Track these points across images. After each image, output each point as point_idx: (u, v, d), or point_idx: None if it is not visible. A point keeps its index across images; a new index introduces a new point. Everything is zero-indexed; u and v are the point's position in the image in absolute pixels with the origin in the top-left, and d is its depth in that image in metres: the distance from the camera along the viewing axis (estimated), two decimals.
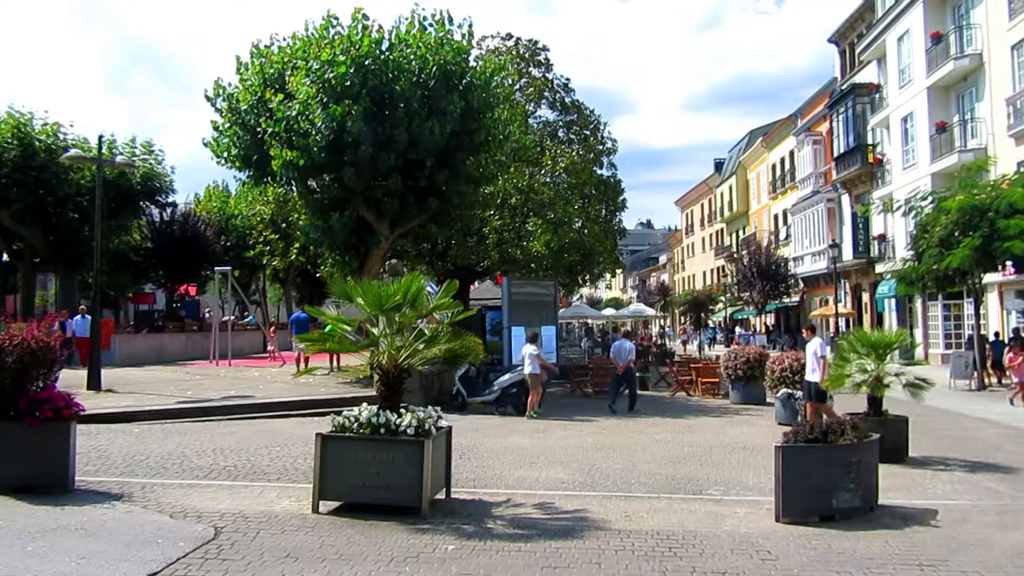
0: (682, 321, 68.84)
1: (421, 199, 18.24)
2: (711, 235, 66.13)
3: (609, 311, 52.71)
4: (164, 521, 7.15)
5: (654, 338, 42.76)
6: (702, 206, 69.45)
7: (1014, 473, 10.11)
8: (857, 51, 36.78)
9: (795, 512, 7.47)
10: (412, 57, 17.31)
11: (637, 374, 21.74)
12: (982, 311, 23.78)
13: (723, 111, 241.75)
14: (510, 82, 23.87)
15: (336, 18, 18.00)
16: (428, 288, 15.37)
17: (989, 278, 22.74)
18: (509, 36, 28.09)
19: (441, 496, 8.12)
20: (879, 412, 10.92)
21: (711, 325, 57.58)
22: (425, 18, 18.15)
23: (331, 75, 16.58)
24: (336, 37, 17.45)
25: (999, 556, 6.47)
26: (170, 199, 32.55)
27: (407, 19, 18.06)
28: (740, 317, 51.96)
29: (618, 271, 42.03)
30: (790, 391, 14.75)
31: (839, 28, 39.93)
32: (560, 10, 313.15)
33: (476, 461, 10.61)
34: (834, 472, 7.60)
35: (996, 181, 21.09)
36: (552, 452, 11.53)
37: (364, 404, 7.95)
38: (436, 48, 17.48)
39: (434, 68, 17.17)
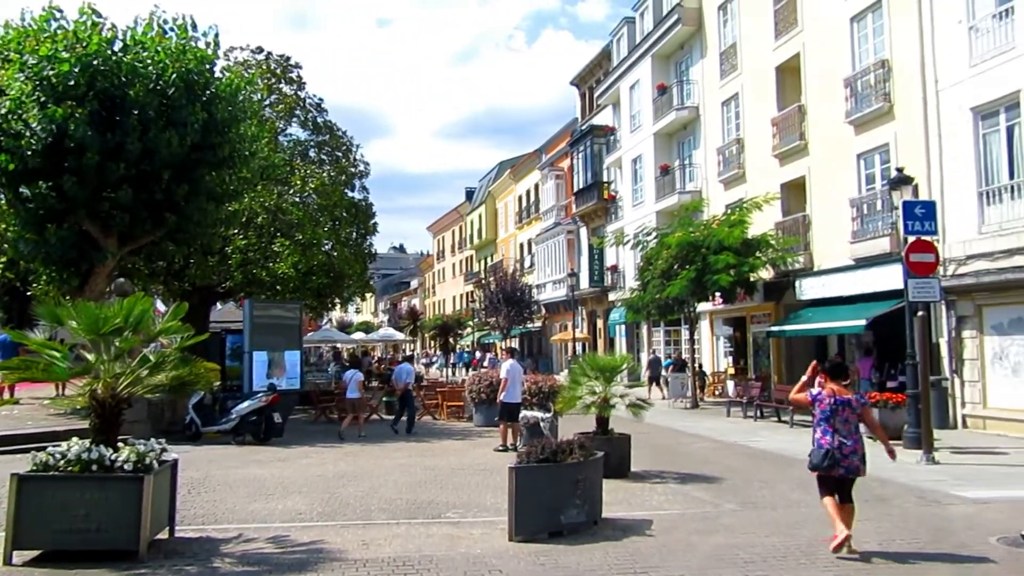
0: (431, 345, 69.90)
1: (156, 214, 16.96)
2: (461, 261, 67.90)
3: (359, 335, 52.31)
4: None
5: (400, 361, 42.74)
6: (453, 232, 71.20)
7: (717, 483, 11.31)
8: (596, 95, 39.75)
9: (527, 530, 7.80)
10: (149, 62, 16.13)
11: (384, 399, 21.81)
12: (696, 336, 26.52)
13: (476, 141, 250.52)
14: (259, 97, 23.05)
15: (60, 10, 16.37)
16: (160, 309, 14.30)
17: (702, 307, 25.41)
18: (260, 49, 27.19)
19: (163, 536, 7.54)
20: (606, 431, 11.75)
21: (459, 349, 58.94)
22: (166, 21, 17.04)
23: (51, 72, 15.00)
24: (59, 32, 15.87)
25: (701, 559, 7.19)
26: None
27: (145, 20, 16.86)
28: (487, 341, 53.69)
29: (368, 295, 41.82)
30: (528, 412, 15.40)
31: (580, 72, 42.97)
32: (321, 29, 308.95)
33: (207, 495, 9.99)
34: (562, 490, 8.05)
35: (708, 221, 23.71)
36: (291, 482, 11.14)
37: (75, 438, 7.20)
38: (177, 55, 16.44)
39: (174, 76, 16.13)
